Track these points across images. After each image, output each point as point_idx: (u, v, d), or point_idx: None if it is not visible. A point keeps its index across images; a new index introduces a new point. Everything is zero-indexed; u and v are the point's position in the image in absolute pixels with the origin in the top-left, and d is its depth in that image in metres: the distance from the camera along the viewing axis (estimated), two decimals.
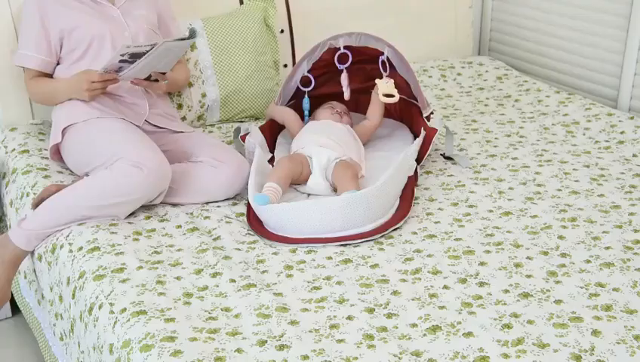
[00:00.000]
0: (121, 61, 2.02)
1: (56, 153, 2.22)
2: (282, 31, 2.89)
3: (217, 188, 2.09)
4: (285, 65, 2.89)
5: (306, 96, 2.44)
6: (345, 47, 2.37)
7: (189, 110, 2.58)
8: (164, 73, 2.18)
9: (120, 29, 2.21)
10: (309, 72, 2.40)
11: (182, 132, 2.28)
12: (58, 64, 2.25)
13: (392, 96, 2.26)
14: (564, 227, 1.94)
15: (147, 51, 2.00)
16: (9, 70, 2.41)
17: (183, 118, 2.56)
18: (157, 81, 2.18)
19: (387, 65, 2.32)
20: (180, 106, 2.56)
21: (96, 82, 2.07)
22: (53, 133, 2.19)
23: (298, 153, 2.17)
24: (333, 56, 2.39)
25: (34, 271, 2.04)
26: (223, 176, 2.09)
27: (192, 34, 2.10)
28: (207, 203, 2.10)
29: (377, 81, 2.30)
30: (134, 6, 2.28)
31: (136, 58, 2.01)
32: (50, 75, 2.26)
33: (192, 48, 2.57)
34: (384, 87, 2.27)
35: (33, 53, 2.20)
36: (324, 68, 2.44)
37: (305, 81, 2.43)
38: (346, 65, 2.39)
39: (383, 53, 2.32)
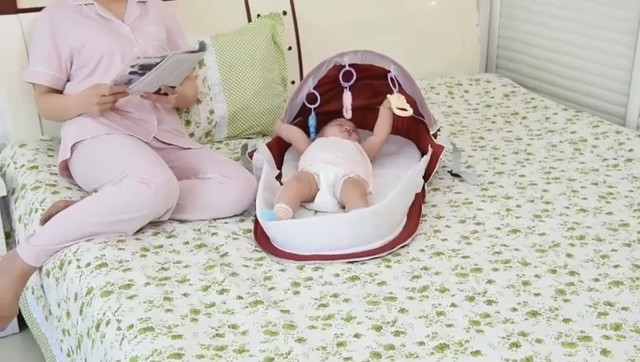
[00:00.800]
0: (131, 73, 2.03)
1: (65, 169, 2.23)
2: (290, 48, 2.91)
3: (225, 204, 2.09)
4: (293, 82, 2.91)
5: (313, 112, 2.45)
6: (351, 65, 2.38)
7: (197, 126, 2.59)
8: (173, 87, 2.19)
9: (129, 45, 2.23)
10: (315, 88, 2.41)
11: (190, 148, 2.29)
12: (68, 80, 2.27)
13: (404, 109, 2.26)
14: (573, 245, 1.93)
15: (157, 63, 2.01)
16: (19, 87, 2.42)
17: (191, 135, 2.57)
18: (166, 94, 2.19)
19: (395, 82, 2.33)
20: (188, 123, 2.57)
21: (106, 96, 2.08)
22: (62, 150, 2.20)
23: (305, 171, 2.17)
24: (339, 73, 2.40)
25: (42, 286, 2.04)
26: (231, 192, 2.09)
27: (202, 47, 2.12)
28: (214, 219, 2.10)
29: (389, 96, 2.30)
30: (144, 23, 2.31)
31: (146, 70, 2.02)
32: (60, 92, 2.28)
33: (200, 65, 2.59)
34: (397, 101, 2.27)
35: (44, 69, 2.23)
36: (330, 84, 2.45)
37: (311, 98, 2.43)
38: (350, 83, 2.39)
39: (389, 71, 2.33)
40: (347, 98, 2.41)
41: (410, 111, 2.27)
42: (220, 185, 2.10)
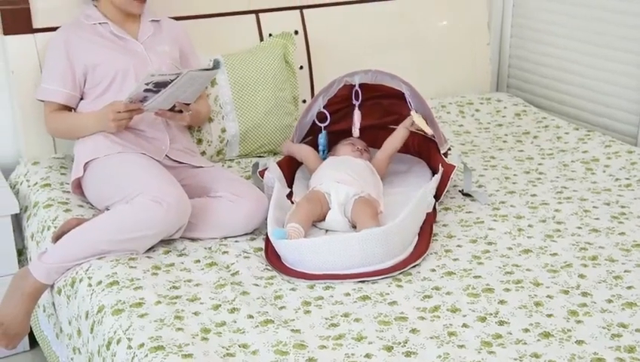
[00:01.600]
0: (145, 90, 2.04)
1: (78, 187, 2.24)
2: (301, 67, 2.92)
3: (236, 223, 2.10)
4: (304, 101, 2.92)
5: (323, 131, 2.46)
6: (361, 84, 2.39)
7: (209, 145, 2.60)
8: (187, 104, 2.21)
9: (143, 63, 2.25)
10: (325, 107, 2.42)
11: (201, 167, 2.29)
12: (82, 99, 2.29)
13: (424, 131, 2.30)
14: (585, 265, 1.92)
15: (171, 80, 2.02)
16: (33, 105, 2.44)
17: (203, 153, 2.58)
18: (181, 111, 2.20)
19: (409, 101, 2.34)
20: (199, 141, 2.58)
21: (121, 112, 2.10)
22: (75, 168, 2.21)
23: (316, 190, 2.17)
24: (350, 92, 2.41)
25: (53, 304, 2.04)
26: (242, 211, 2.10)
27: (216, 65, 2.13)
28: (225, 238, 2.10)
29: (413, 113, 2.30)
30: (157, 41, 2.33)
31: (160, 87, 2.03)
32: (71, 110, 2.30)
33: (212, 83, 2.60)
34: (420, 120, 2.29)
35: (58, 87, 2.25)
36: (341, 104, 2.46)
37: (321, 117, 2.44)
38: (358, 102, 2.40)
39: (398, 90, 2.34)
40: (356, 117, 2.42)
41: (429, 132, 2.28)
42: (231, 203, 2.11)
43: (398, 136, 2.37)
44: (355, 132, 2.42)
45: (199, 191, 2.20)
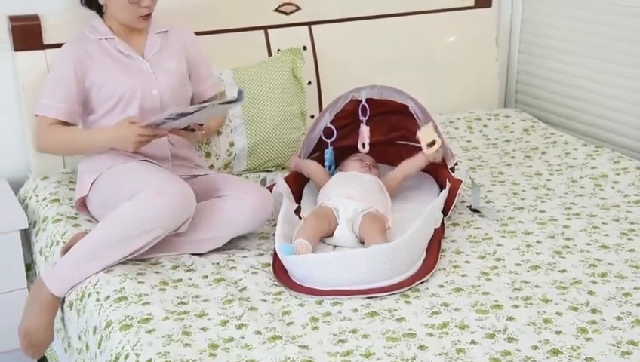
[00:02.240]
0: (167, 118, 2.04)
1: (82, 205, 2.24)
2: (310, 83, 2.93)
3: (241, 219, 2.09)
4: (312, 116, 2.92)
5: (330, 147, 2.46)
6: (367, 100, 2.39)
7: (217, 158, 2.61)
8: (201, 124, 2.21)
9: (149, 84, 2.23)
10: (331, 123, 2.43)
11: (206, 174, 2.30)
12: (88, 115, 2.28)
13: (433, 143, 2.27)
14: (594, 282, 1.91)
15: (194, 111, 2.03)
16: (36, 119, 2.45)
17: (211, 167, 2.58)
18: (194, 130, 2.20)
19: (417, 116, 2.34)
20: (208, 155, 2.59)
21: (144, 135, 2.06)
22: (79, 186, 2.22)
23: (324, 206, 2.17)
24: (357, 107, 2.42)
25: (62, 319, 2.05)
26: (247, 207, 2.09)
27: (240, 96, 2.06)
28: (233, 251, 2.10)
29: (418, 134, 2.29)
30: (164, 56, 2.30)
31: (182, 116, 2.04)
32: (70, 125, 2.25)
33: (220, 97, 2.60)
34: (426, 135, 2.27)
35: (60, 103, 2.19)
36: (347, 119, 2.46)
37: (327, 132, 2.45)
38: (366, 117, 2.41)
39: (405, 105, 2.34)
40: (364, 132, 2.42)
41: (438, 143, 2.26)
42: (236, 200, 2.11)
43: (416, 162, 2.34)
44: (365, 147, 2.42)
45: (204, 195, 2.19)
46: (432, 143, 2.29)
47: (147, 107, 2.22)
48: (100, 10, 2.28)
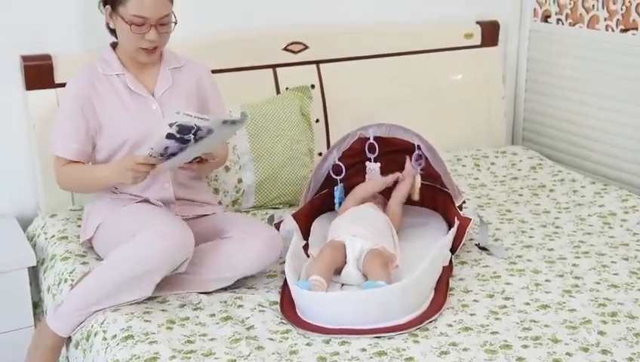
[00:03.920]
0: (168, 136, 1.93)
1: (89, 244, 2.26)
2: (317, 120, 2.95)
3: (249, 261, 2.07)
4: (320, 154, 2.93)
5: (340, 184, 2.47)
6: (375, 138, 2.40)
7: (225, 195, 2.61)
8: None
9: (157, 125, 2.18)
10: (339, 160, 2.44)
11: (214, 213, 2.30)
12: (97, 153, 2.28)
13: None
14: (604, 322, 1.90)
15: (196, 125, 1.91)
16: (51, 158, 2.46)
17: (218, 203, 2.57)
18: (204, 161, 2.15)
19: (423, 157, 2.35)
20: (216, 191, 2.59)
21: (141, 163, 2.01)
22: (85, 228, 2.23)
23: (334, 243, 2.17)
24: (364, 146, 2.43)
25: (67, 358, 2.03)
26: (254, 249, 2.07)
27: (244, 117, 2.03)
28: (240, 289, 2.10)
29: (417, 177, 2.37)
30: (174, 94, 2.24)
31: (183, 134, 1.93)
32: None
33: None
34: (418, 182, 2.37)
35: (70, 142, 2.17)
36: (355, 157, 2.47)
37: (337, 170, 2.46)
38: (374, 155, 2.42)
39: (413, 144, 2.36)
40: (376, 166, 2.44)
41: (415, 197, 2.39)
42: (243, 241, 2.08)
43: (401, 188, 2.41)
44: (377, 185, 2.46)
45: (211, 235, 2.18)
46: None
47: None
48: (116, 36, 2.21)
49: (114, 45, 2.25)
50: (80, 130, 2.17)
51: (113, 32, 2.20)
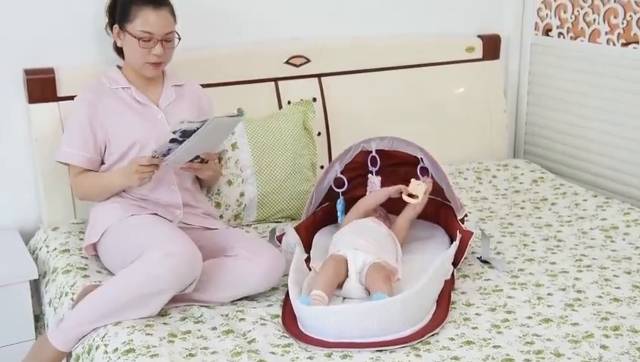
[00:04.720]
0: (172, 141, 2.04)
1: (92, 249, 2.26)
2: (319, 133, 2.96)
3: (254, 280, 2.09)
4: (322, 167, 2.94)
5: (341, 197, 2.47)
6: (377, 151, 2.41)
7: (227, 209, 2.62)
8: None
9: (162, 133, 2.27)
10: (342, 173, 2.44)
11: (217, 228, 2.31)
12: (102, 163, 2.31)
13: (415, 196, 2.34)
14: (607, 336, 1.89)
15: (198, 128, 2.02)
16: (54, 171, 2.48)
17: (220, 217, 2.58)
18: (206, 161, 2.21)
19: (427, 170, 2.36)
20: (218, 205, 2.60)
21: (144, 165, 2.10)
22: (90, 233, 2.24)
23: (336, 256, 2.17)
24: (366, 159, 2.43)
25: None
26: (260, 268, 2.09)
27: (240, 113, 2.14)
28: (242, 302, 2.09)
29: (412, 181, 2.34)
30: (178, 108, 2.35)
31: (186, 137, 2.04)
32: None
33: (232, 147, 2.63)
34: (414, 188, 2.35)
35: (80, 150, 2.26)
36: (358, 170, 2.48)
37: (339, 183, 2.46)
38: (376, 168, 2.42)
39: (415, 157, 2.36)
40: (377, 180, 2.44)
41: (417, 200, 2.34)
42: (248, 261, 2.10)
43: (410, 208, 2.39)
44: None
45: (215, 252, 2.19)
46: (413, 196, 2.35)
47: None
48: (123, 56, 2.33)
49: (119, 67, 2.37)
50: (88, 140, 2.26)
51: (120, 51, 2.32)
